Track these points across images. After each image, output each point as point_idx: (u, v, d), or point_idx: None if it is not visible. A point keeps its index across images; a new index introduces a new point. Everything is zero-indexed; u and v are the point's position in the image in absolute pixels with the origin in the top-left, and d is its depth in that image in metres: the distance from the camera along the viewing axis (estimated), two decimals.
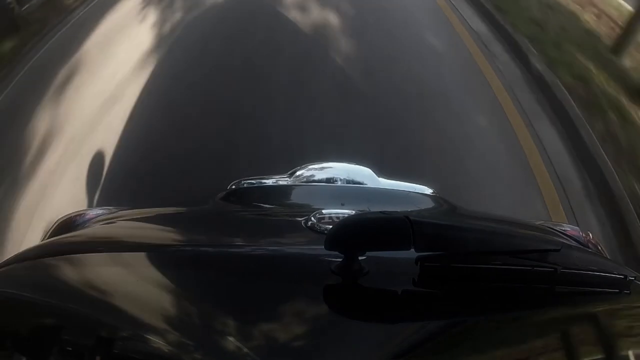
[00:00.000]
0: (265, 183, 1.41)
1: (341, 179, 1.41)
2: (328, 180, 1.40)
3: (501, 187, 2.79)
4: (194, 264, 0.74)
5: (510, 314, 0.64)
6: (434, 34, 4.45)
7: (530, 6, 5.10)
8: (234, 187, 1.38)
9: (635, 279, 0.69)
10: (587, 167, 3.04)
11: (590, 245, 1.23)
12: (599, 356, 0.61)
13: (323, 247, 0.62)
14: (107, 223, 1.09)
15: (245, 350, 0.55)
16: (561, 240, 1.09)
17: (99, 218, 1.13)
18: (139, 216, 1.09)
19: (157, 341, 0.56)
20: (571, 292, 0.66)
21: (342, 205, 1.17)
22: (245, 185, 1.41)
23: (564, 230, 1.24)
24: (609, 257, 1.31)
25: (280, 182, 1.41)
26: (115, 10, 4.41)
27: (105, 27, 4.14)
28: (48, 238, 1.19)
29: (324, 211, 0.90)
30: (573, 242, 1.15)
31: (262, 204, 1.27)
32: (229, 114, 3.06)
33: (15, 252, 0.83)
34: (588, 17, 5.16)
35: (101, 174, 2.70)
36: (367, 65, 3.77)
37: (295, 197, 1.37)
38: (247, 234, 0.98)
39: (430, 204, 1.37)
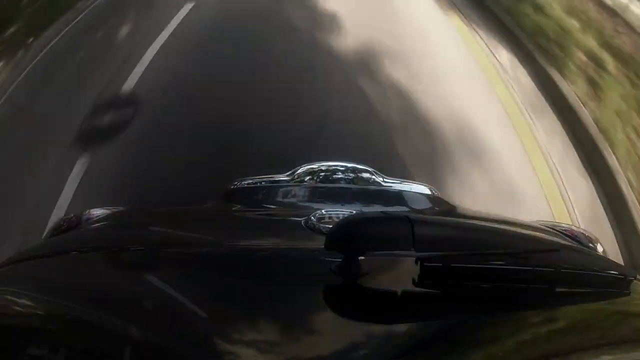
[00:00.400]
0: (265, 183, 1.41)
1: (341, 179, 1.41)
2: (328, 180, 1.40)
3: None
4: (194, 264, 0.74)
5: (510, 314, 0.64)
6: None
7: None
8: (234, 187, 1.38)
9: (635, 279, 0.69)
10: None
11: (590, 245, 1.23)
12: (599, 356, 0.61)
13: (323, 247, 0.62)
14: (107, 223, 1.09)
15: (245, 349, 0.56)
16: (561, 240, 1.09)
17: (98, 218, 1.13)
18: (139, 216, 1.10)
19: (156, 340, 0.56)
20: (571, 292, 0.66)
21: (342, 205, 1.17)
22: (245, 185, 1.40)
23: (563, 230, 1.23)
24: (609, 257, 1.31)
25: (281, 182, 1.41)
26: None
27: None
28: (48, 238, 1.19)
29: (324, 211, 0.90)
30: (573, 241, 1.15)
31: (262, 204, 1.27)
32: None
33: (15, 252, 0.84)
34: None
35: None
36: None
37: (295, 197, 1.36)
38: (248, 234, 0.99)
39: (430, 204, 1.36)
